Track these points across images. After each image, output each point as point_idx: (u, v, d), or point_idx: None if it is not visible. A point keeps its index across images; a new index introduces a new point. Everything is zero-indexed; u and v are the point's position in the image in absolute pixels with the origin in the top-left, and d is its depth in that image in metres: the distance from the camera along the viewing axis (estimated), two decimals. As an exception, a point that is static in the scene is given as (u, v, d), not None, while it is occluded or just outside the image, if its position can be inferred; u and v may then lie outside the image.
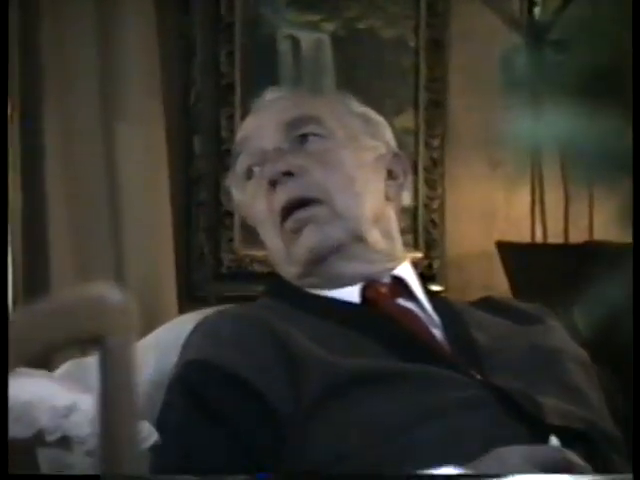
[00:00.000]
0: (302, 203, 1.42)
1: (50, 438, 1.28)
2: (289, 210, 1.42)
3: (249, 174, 1.47)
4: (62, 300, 0.71)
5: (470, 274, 2.47)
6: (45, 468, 1.39)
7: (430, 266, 2.51)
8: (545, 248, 2.41)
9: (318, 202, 1.42)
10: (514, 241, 2.38)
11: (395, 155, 1.52)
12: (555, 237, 2.44)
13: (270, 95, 1.53)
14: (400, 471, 1.16)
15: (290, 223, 1.42)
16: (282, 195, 1.42)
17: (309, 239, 1.42)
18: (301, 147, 1.45)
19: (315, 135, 1.46)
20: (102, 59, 2.21)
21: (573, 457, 1.22)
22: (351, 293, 1.43)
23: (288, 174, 1.42)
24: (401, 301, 1.44)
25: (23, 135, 2.13)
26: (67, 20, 2.19)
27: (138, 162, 2.22)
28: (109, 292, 0.72)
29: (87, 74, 2.19)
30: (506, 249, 2.30)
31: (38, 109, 2.17)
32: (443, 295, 2.08)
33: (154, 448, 1.30)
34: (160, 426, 1.32)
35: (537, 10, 2.34)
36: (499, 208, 2.51)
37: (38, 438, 1.27)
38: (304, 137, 1.46)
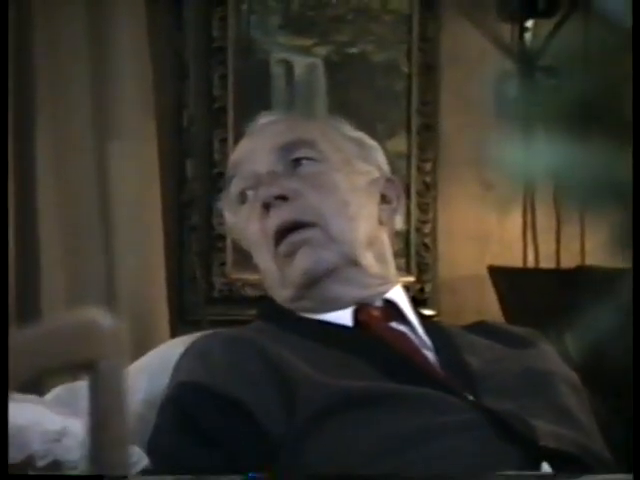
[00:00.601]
0: (296, 226, 1.42)
1: (41, 463, 1.27)
2: (283, 233, 1.42)
3: (242, 198, 1.47)
4: (53, 325, 0.71)
5: (463, 298, 2.47)
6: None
7: (422, 290, 2.51)
8: (537, 272, 2.42)
9: (312, 226, 1.42)
10: (506, 266, 2.38)
11: (388, 180, 1.52)
12: (547, 260, 2.45)
13: (263, 119, 1.54)
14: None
15: (284, 246, 1.42)
16: (276, 219, 1.42)
17: (303, 262, 1.41)
18: (295, 171, 1.45)
19: (309, 159, 1.46)
20: (95, 77, 2.21)
21: None
22: (344, 316, 1.43)
23: (282, 198, 1.42)
24: (393, 324, 1.44)
25: (16, 154, 2.13)
26: (60, 39, 2.19)
27: (130, 185, 2.22)
28: (100, 317, 0.72)
29: (80, 92, 2.19)
30: (498, 273, 2.30)
31: (31, 129, 2.18)
32: (436, 319, 2.08)
33: (145, 472, 1.30)
34: (151, 449, 1.32)
35: (528, 35, 2.36)
36: (492, 231, 2.51)
37: (29, 463, 1.26)
38: (298, 161, 1.46)
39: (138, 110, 2.24)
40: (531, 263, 2.46)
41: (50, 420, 1.28)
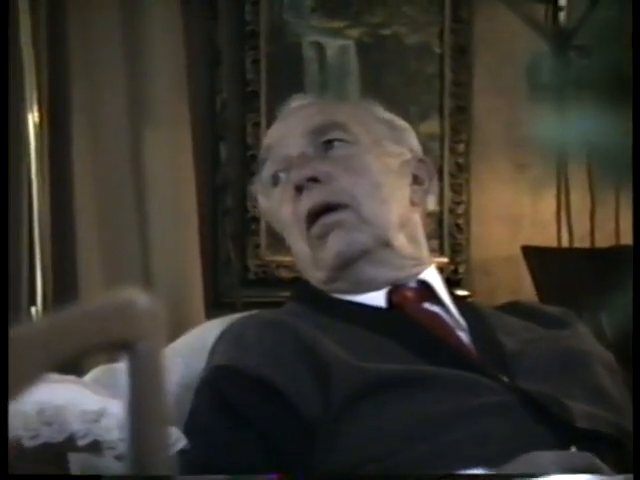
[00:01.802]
0: (328, 208, 1.42)
1: (81, 442, 1.28)
2: (315, 216, 1.42)
3: (275, 180, 1.48)
4: (91, 306, 0.71)
5: (496, 278, 2.47)
6: (76, 471, 1.40)
7: (456, 271, 2.51)
8: (571, 253, 2.40)
9: (344, 207, 1.42)
10: (540, 246, 2.37)
11: (420, 160, 1.52)
12: (581, 241, 2.43)
13: (295, 102, 1.54)
14: (430, 472, 1.17)
15: (316, 228, 1.42)
16: (308, 201, 1.42)
17: (335, 244, 1.42)
18: (326, 153, 1.45)
19: (340, 141, 1.46)
20: (129, 64, 2.22)
21: (601, 463, 1.22)
22: (377, 298, 1.43)
23: (314, 180, 1.42)
24: (427, 305, 1.44)
25: (52, 142, 2.14)
26: (95, 26, 2.20)
27: (165, 169, 2.23)
28: (137, 298, 0.72)
29: (114, 80, 2.20)
30: (532, 254, 2.29)
31: (66, 116, 2.19)
32: (469, 300, 2.07)
33: (182, 452, 1.30)
34: (188, 431, 1.33)
35: (562, 15, 2.33)
36: (525, 212, 2.50)
37: (69, 442, 1.28)
38: (329, 143, 1.46)
39: (172, 95, 2.25)
40: (565, 243, 2.45)
41: (89, 400, 1.29)
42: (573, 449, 1.27)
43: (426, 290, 1.45)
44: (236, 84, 2.43)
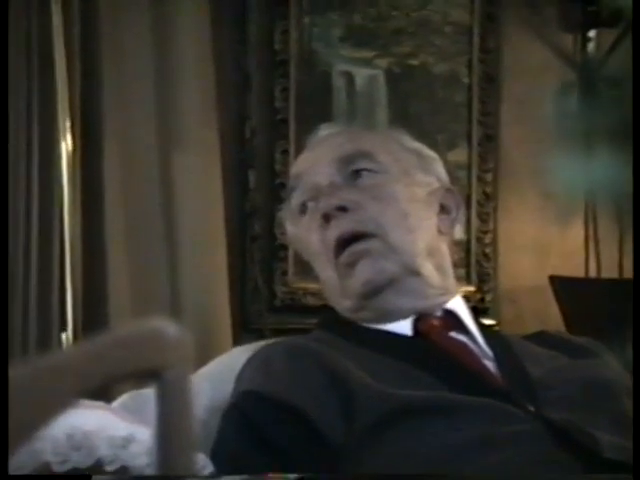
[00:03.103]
0: (356, 237, 1.42)
1: (109, 468, 1.28)
2: (343, 244, 1.42)
3: (303, 209, 1.48)
4: (120, 334, 0.72)
5: (523, 308, 2.46)
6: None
7: (483, 300, 2.50)
8: (599, 282, 2.39)
9: (372, 236, 1.42)
10: (567, 276, 2.36)
11: (447, 190, 1.52)
12: (609, 271, 2.42)
13: (324, 131, 1.54)
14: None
15: (345, 257, 1.42)
16: (336, 229, 1.42)
17: (363, 273, 1.42)
18: (354, 182, 1.46)
19: (368, 170, 1.46)
20: (160, 91, 2.24)
21: None
22: (403, 326, 1.43)
23: (342, 209, 1.43)
24: (454, 334, 1.43)
25: (84, 168, 2.16)
26: (127, 53, 2.22)
27: (194, 195, 2.24)
28: (166, 326, 0.72)
29: (145, 107, 2.22)
30: (560, 283, 2.28)
31: (98, 144, 2.21)
32: (496, 329, 2.07)
33: (210, 478, 1.31)
34: (214, 456, 1.33)
35: (591, 45, 2.33)
36: (552, 241, 2.49)
37: (97, 468, 1.28)
38: (357, 172, 1.46)
39: (202, 122, 2.26)
40: (593, 273, 2.44)
41: (117, 426, 1.30)
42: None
43: (452, 319, 1.44)
44: (265, 111, 2.44)
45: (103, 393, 1.44)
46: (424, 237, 1.46)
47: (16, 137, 2.15)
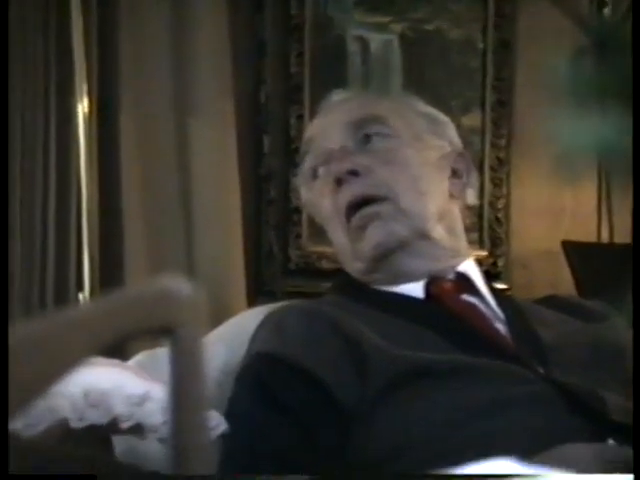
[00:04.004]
0: (367, 201, 1.42)
1: (125, 425, 1.29)
2: (354, 208, 1.42)
3: (315, 173, 1.48)
4: (133, 292, 0.72)
5: (535, 272, 2.46)
6: (119, 453, 1.41)
7: (495, 264, 2.50)
8: (611, 247, 2.39)
9: (383, 200, 1.42)
10: (580, 240, 2.35)
11: (459, 154, 1.52)
12: (622, 236, 2.41)
13: (336, 96, 1.54)
14: (462, 462, 1.17)
15: (355, 220, 1.42)
16: (347, 193, 1.42)
17: (374, 236, 1.42)
18: (366, 146, 1.45)
19: (379, 135, 1.46)
20: (175, 58, 2.23)
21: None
22: (415, 289, 1.43)
23: (353, 173, 1.43)
24: (465, 297, 1.43)
25: (100, 134, 2.16)
26: (143, 20, 2.21)
27: (210, 160, 2.24)
28: (179, 285, 0.73)
29: (161, 71, 2.22)
30: (572, 248, 2.27)
31: (115, 108, 2.21)
32: (508, 293, 2.07)
33: (223, 436, 1.32)
34: (229, 415, 1.34)
35: (607, 10, 2.31)
36: (565, 206, 2.49)
37: (114, 425, 1.29)
38: (369, 137, 1.46)
39: (217, 88, 2.26)
40: (605, 238, 2.44)
41: (133, 384, 1.31)
42: (611, 442, 1.26)
43: (464, 282, 1.45)
44: (280, 77, 2.43)
45: (119, 351, 1.45)
46: (435, 201, 1.45)
47: (34, 105, 2.15)
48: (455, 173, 1.50)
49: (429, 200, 1.45)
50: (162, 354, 1.38)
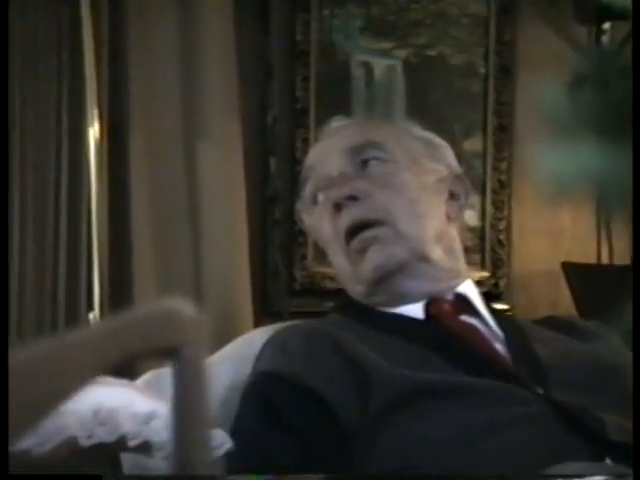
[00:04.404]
0: (366, 225, 1.43)
1: (132, 443, 1.30)
2: (354, 232, 1.43)
3: (315, 199, 1.49)
4: (138, 313, 0.73)
5: (536, 293, 2.46)
6: (127, 471, 1.42)
7: (497, 285, 2.50)
8: (611, 269, 2.39)
9: (381, 224, 1.43)
10: (579, 262, 2.36)
11: (457, 177, 1.52)
12: (621, 258, 2.41)
13: (335, 123, 1.55)
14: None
15: (355, 244, 1.43)
16: (347, 218, 1.43)
17: (373, 259, 1.42)
18: (364, 172, 1.46)
19: (377, 159, 1.46)
20: (184, 81, 2.25)
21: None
22: (415, 309, 1.43)
23: (352, 198, 1.43)
24: (464, 317, 1.44)
25: (110, 155, 2.18)
26: (153, 44, 2.23)
27: (217, 180, 2.25)
28: (182, 306, 0.74)
29: (170, 96, 2.23)
30: (572, 269, 2.27)
31: (125, 129, 2.22)
32: (509, 313, 2.07)
33: (228, 454, 1.32)
34: (234, 433, 1.34)
35: (605, 38, 2.32)
36: (565, 228, 2.49)
37: (121, 443, 1.30)
38: (367, 162, 1.46)
39: (225, 111, 2.27)
40: (605, 259, 2.44)
41: (140, 403, 1.31)
42: (608, 461, 1.26)
43: (463, 302, 1.45)
44: (286, 101, 2.44)
45: (128, 371, 1.46)
46: (433, 223, 1.46)
47: (47, 125, 2.17)
48: (453, 196, 1.50)
49: (427, 223, 1.45)
50: (168, 373, 1.40)
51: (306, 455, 1.30)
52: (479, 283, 1.55)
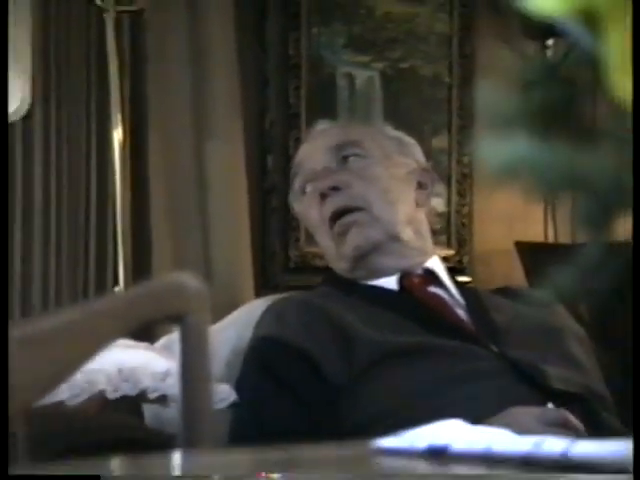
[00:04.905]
0: (346, 211, 1.43)
1: (152, 396, 1.30)
2: (336, 217, 1.43)
3: (304, 190, 1.49)
4: (150, 286, 0.73)
5: (493, 267, 2.46)
6: (148, 419, 1.42)
7: (460, 261, 2.50)
8: (556, 246, 2.39)
9: (359, 210, 1.43)
10: (530, 241, 2.36)
11: (424, 169, 1.52)
12: (564, 237, 2.42)
13: (319, 126, 1.55)
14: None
15: (337, 227, 1.43)
16: (330, 205, 1.43)
17: (354, 240, 1.43)
18: (345, 166, 1.46)
19: (355, 156, 1.46)
20: (194, 90, 2.24)
21: (573, 418, 1.22)
22: (390, 282, 1.44)
23: (335, 188, 1.43)
24: (432, 288, 1.44)
25: (132, 154, 2.17)
26: (167, 57, 2.22)
27: (222, 175, 2.24)
28: (187, 279, 0.74)
29: (182, 102, 2.23)
30: (523, 247, 2.28)
31: (144, 133, 2.22)
32: (470, 285, 2.07)
33: (232, 406, 1.32)
34: (237, 388, 1.34)
35: (549, 52, 2.33)
36: (518, 212, 2.49)
37: (142, 396, 1.30)
38: (347, 158, 1.46)
39: (229, 115, 2.26)
40: (551, 239, 2.44)
41: (157, 363, 1.31)
42: (550, 405, 1.27)
43: (431, 276, 1.45)
44: (281, 106, 2.43)
45: (147, 336, 1.46)
46: (403, 209, 1.46)
47: (78, 128, 2.17)
48: (421, 185, 1.50)
49: (398, 208, 1.45)
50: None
51: (298, 407, 1.31)
52: (445, 259, 1.54)
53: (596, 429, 1.24)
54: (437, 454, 0.64)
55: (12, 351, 0.66)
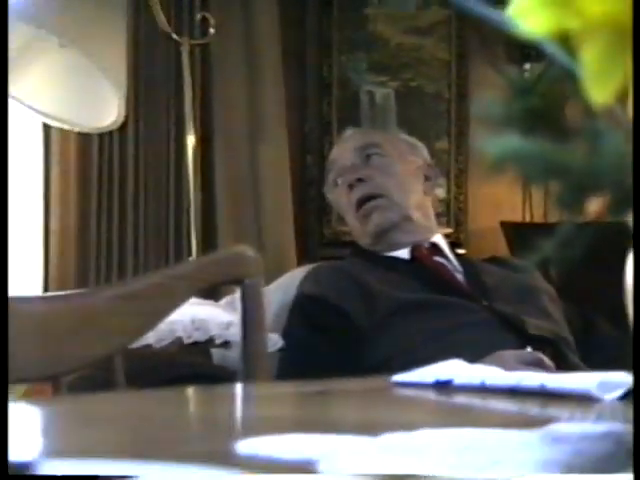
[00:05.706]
0: (369, 198, 1.43)
1: (218, 342, 1.31)
2: (361, 203, 1.44)
3: (336, 183, 1.49)
4: (216, 255, 0.73)
5: (484, 242, 2.44)
6: (216, 360, 1.42)
7: (458, 237, 2.49)
8: (533, 225, 2.37)
9: (380, 197, 1.43)
10: (512, 221, 2.34)
11: (429, 166, 1.53)
12: (539, 217, 2.40)
13: (347, 132, 1.56)
14: (434, 362, 1.17)
15: (362, 211, 1.44)
16: (356, 194, 1.44)
17: (375, 220, 1.43)
18: (368, 162, 1.46)
19: (377, 154, 1.47)
20: (250, 104, 2.24)
21: (546, 359, 1.21)
22: (404, 253, 1.44)
23: (360, 180, 1.44)
24: (437, 258, 1.44)
25: (202, 155, 2.17)
26: (229, 78, 2.22)
27: (272, 171, 2.24)
28: (245, 250, 0.74)
29: (240, 113, 2.22)
30: (507, 226, 2.26)
31: (211, 138, 2.22)
32: (466, 255, 2.05)
33: (280, 350, 1.32)
34: (284, 337, 1.35)
35: (527, 73, 2.30)
36: (503, 198, 2.47)
37: (210, 341, 1.30)
38: (370, 156, 1.47)
39: (277, 123, 2.26)
40: (528, 219, 2.42)
41: (222, 315, 1.32)
42: (528, 349, 1.26)
43: (436, 248, 1.45)
44: (317, 117, 2.44)
45: (214, 295, 1.47)
46: (414, 196, 1.46)
47: (159, 134, 2.17)
48: (427, 178, 1.51)
49: (410, 196, 1.46)
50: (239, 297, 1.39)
51: (332, 348, 1.31)
52: (447, 236, 1.54)
53: (564, 366, 1.23)
54: (442, 387, 0.64)
55: (112, 306, 0.67)
